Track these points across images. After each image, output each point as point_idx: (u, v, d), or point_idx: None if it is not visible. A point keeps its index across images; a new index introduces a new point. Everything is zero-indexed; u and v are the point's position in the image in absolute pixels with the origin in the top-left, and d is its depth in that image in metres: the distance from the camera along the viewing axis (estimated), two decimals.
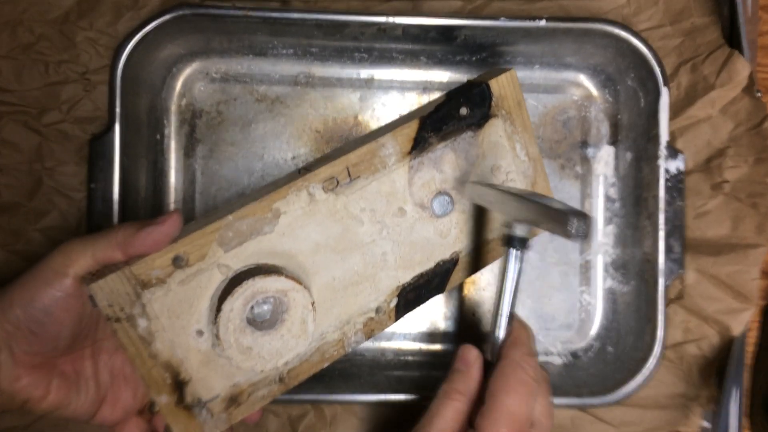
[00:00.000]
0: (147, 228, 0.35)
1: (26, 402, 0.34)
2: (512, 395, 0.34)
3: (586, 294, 0.52)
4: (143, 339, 0.36)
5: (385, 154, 0.40)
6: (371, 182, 0.40)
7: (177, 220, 0.35)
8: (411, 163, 0.40)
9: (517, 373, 0.35)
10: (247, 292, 0.36)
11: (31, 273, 0.34)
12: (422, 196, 0.41)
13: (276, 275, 0.36)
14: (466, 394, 0.36)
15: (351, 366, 0.50)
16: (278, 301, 0.37)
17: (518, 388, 0.34)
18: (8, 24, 0.45)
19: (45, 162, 0.46)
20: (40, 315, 0.34)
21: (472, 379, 0.36)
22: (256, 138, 0.50)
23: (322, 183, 0.38)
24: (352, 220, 0.39)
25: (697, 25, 0.48)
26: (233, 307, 0.36)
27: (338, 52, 0.50)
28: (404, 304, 0.41)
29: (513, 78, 0.42)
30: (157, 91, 0.49)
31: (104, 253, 0.35)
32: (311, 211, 0.38)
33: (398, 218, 0.40)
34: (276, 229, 0.38)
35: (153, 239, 0.35)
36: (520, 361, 0.35)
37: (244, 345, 0.36)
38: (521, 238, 0.36)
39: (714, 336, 0.48)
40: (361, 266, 0.40)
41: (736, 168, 0.48)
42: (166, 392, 0.37)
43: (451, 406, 0.35)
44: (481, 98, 0.41)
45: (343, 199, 0.39)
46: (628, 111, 0.51)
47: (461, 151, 0.41)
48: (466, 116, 0.41)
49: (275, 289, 0.36)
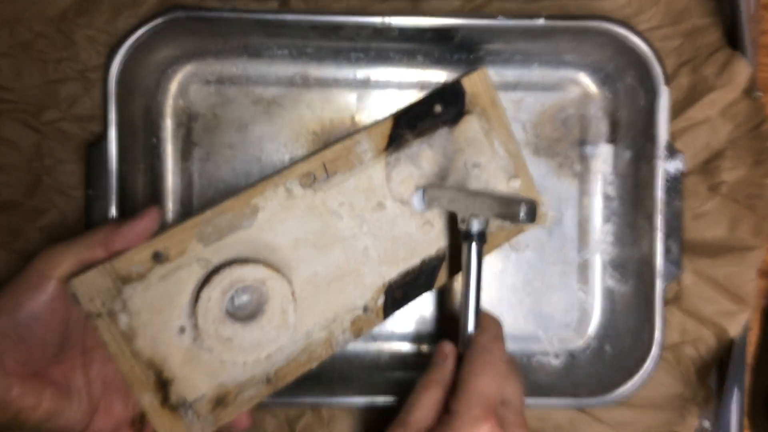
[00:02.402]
0: (127, 224, 0.36)
1: (19, 413, 0.34)
2: (481, 377, 0.35)
3: (584, 293, 0.52)
4: (125, 335, 0.36)
5: (360, 150, 0.40)
6: (348, 178, 0.40)
7: (156, 214, 0.37)
8: (387, 159, 0.41)
9: (484, 356, 0.37)
10: (224, 281, 0.37)
11: (16, 280, 0.35)
12: (402, 191, 0.41)
13: (253, 264, 0.37)
14: (441, 383, 0.37)
15: (350, 368, 0.50)
16: (258, 293, 0.37)
17: (486, 370, 0.36)
18: (7, 22, 0.45)
19: (44, 160, 0.46)
20: (28, 320, 0.34)
21: (448, 370, 0.38)
22: (252, 140, 0.50)
23: (299, 179, 0.39)
24: (330, 215, 0.40)
25: (698, 26, 0.48)
26: (211, 296, 0.36)
27: (334, 52, 0.50)
28: (392, 302, 0.42)
29: (484, 76, 0.43)
30: (152, 95, 0.49)
31: (87, 252, 0.36)
32: (289, 207, 0.39)
33: (378, 213, 0.41)
34: (255, 225, 0.38)
35: (134, 234, 0.36)
36: (486, 344, 0.37)
37: (225, 336, 0.37)
38: (478, 232, 0.38)
39: (711, 337, 0.47)
40: (342, 261, 0.40)
41: (734, 170, 0.47)
42: (150, 391, 0.37)
43: (427, 395, 0.37)
44: (454, 96, 0.42)
45: (321, 194, 0.40)
46: (627, 109, 0.51)
47: (438, 147, 0.42)
48: (440, 113, 0.42)
49: (253, 278, 0.37)
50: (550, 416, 0.48)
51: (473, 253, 0.38)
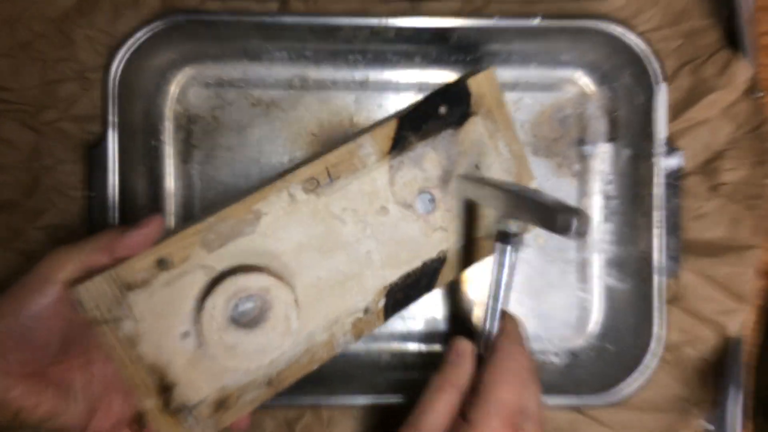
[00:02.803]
0: (131, 231, 0.36)
1: (19, 412, 0.34)
2: (504, 386, 0.34)
3: (584, 292, 0.52)
4: (128, 341, 0.36)
5: (364, 153, 0.40)
6: (352, 182, 0.40)
7: (159, 222, 0.37)
8: (391, 162, 0.41)
9: (509, 363, 0.35)
10: (229, 290, 0.36)
11: (20, 283, 0.35)
12: (405, 195, 0.41)
13: (257, 272, 0.37)
14: (458, 387, 0.36)
15: (351, 368, 0.51)
16: (262, 300, 0.37)
17: (510, 379, 0.34)
18: (7, 22, 0.45)
19: (43, 160, 0.46)
20: (30, 322, 0.34)
21: (464, 372, 0.36)
22: (252, 142, 0.51)
23: (302, 184, 0.39)
24: (334, 219, 0.40)
25: (698, 27, 0.48)
26: (215, 304, 0.36)
27: (332, 54, 0.50)
28: (393, 304, 0.42)
29: (491, 76, 0.42)
30: (152, 98, 0.49)
31: (91, 257, 0.36)
32: (293, 212, 0.39)
33: (381, 217, 0.41)
34: (258, 230, 0.38)
35: (137, 241, 0.36)
36: (511, 351, 0.36)
37: (229, 343, 0.37)
38: (515, 234, 0.36)
39: (711, 338, 0.47)
40: (346, 266, 0.40)
41: (734, 170, 0.47)
42: (152, 396, 0.37)
43: (443, 399, 0.35)
44: (460, 97, 0.42)
45: (324, 199, 0.39)
46: (625, 108, 0.51)
47: (442, 150, 0.41)
48: (445, 115, 0.41)
49: (257, 286, 0.37)
50: (550, 418, 0.48)
51: (507, 254, 0.36)
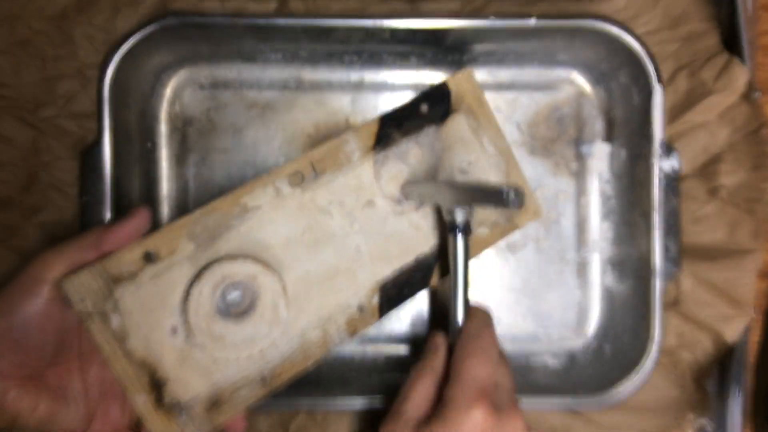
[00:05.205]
0: (117, 224, 0.37)
1: (16, 417, 0.34)
2: (474, 361, 0.36)
3: (582, 292, 0.52)
4: (117, 335, 0.36)
5: (348, 149, 0.41)
6: (337, 176, 0.41)
7: (145, 214, 0.37)
8: (376, 157, 0.41)
9: (474, 342, 0.37)
10: (215, 276, 0.37)
11: (10, 285, 0.35)
12: (392, 189, 0.42)
13: (243, 259, 0.37)
14: (434, 371, 0.37)
15: (347, 370, 0.50)
16: (249, 289, 0.37)
17: (478, 355, 0.36)
18: (6, 19, 0.46)
19: (41, 157, 0.46)
20: (23, 324, 0.34)
21: (439, 358, 0.38)
22: (247, 144, 0.51)
23: (287, 178, 0.40)
24: (321, 213, 0.40)
25: (696, 30, 0.47)
26: (202, 291, 0.37)
27: (327, 55, 0.50)
28: (387, 300, 0.42)
29: (470, 76, 0.44)
30: (146, 100, 0.50)
31: (78, 254, 0.36)
32: (279, 206, 0.39)
33: (368, 211, 0.41)
34: (244, 224, 0.39)
35: (124, 234, 0.37)
36: (475, 332, 0.38)
37: (216, 333, 0.37)
38: (463, 223, 0.38)
39: (708, 342, 0.47)
40: (335, 259, 0.40)
41: (732, 173, 0.47)
42: (144, 392, 0.37)
43: (421, 383, 0.37)
44: (440, 95, 0.43)
45: (310, 193, 0.40)
46: (621, 108, 0.50)
47: (426, 145, 0.42)
48: (427, 113, 0.43)
49: (243, 272, 0.37)
50: (545, 419, 0.47)
51: (459, 243, 0.38)
